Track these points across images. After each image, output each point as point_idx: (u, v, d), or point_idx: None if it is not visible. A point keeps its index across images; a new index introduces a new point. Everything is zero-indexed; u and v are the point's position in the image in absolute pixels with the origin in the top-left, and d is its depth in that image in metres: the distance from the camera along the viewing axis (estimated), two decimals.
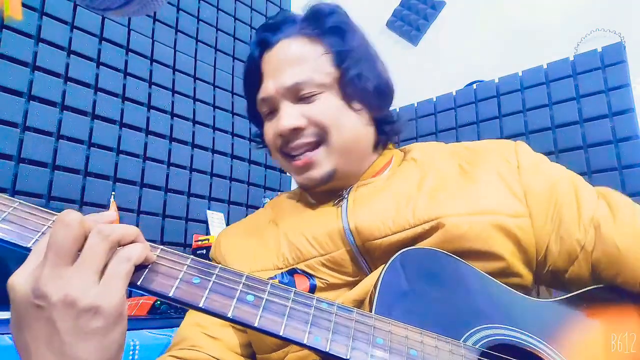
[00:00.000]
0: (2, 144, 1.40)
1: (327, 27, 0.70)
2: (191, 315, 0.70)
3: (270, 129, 0.71)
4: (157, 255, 0.44)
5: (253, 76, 0.72)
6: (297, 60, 0.68)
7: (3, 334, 0.84)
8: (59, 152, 1.53)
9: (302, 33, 0.70)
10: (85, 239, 0.40)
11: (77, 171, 1.57)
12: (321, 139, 0.67)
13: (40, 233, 0.43)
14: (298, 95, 0.67)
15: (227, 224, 1.99)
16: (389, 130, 0.75)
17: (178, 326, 0.69)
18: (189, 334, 0.66)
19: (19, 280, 0.39)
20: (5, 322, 0.89)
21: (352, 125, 0.69)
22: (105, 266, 0.40)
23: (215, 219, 1.95)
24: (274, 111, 0.70)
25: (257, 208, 2.14)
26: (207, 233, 1.90)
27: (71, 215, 0.40)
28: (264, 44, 0.72)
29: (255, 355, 0.67)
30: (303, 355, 0.58)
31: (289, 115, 0.67)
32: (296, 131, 0.67)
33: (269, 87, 0.69)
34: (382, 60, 0.75)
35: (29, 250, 0.42)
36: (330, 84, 0.68)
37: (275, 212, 0.76)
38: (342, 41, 0.70)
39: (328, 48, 0.70)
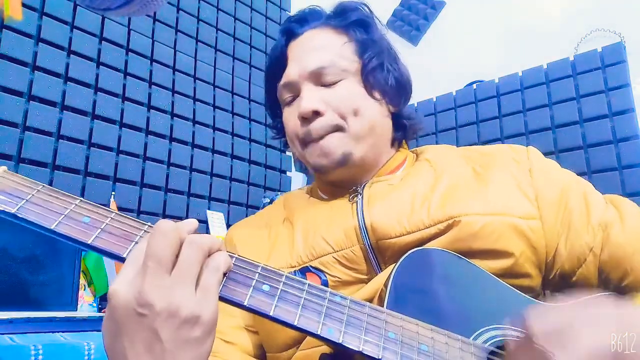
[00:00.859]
0: (2, 144, 1.40)
1: (352, 20, 0.73)
2: None
3: (291, 114, 0.72)
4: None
5: (277, 64, 0.74)
6: (321, 47, 0.71)
7: (3, 334, 0.84)
8: (59, 152, 1.53)
9: (328, 24, 0.74)
10: (179, 248, 0.41)
11: (77, 171, 1.57)
12: (340, 124, 0.68)
13: (63, 215, 0.44)
14: (320, 79, 0.69)
15: (227, 224, 1.99)
16: (405, 127, 0.76)
17: None
18: None
19: (121, 289, 0.39)
20: (5, 322, 0.89)
21: (370, 113, 0.70)
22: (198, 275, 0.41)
23: (215, 219, 1.95)
24: (295, 97, 0.72)
25: (257, 208, 2.14)
26: (207, 233, 1.90)
27: (168, 224, 0.41)
28: (290, 34, 0.74)
29: (266, 355, 0.67)
30: (310, 352, 0.58)
31: (311, 98, 0.68)
32: (316, 114, 0.68)
33: (292, 72, 0.71)
34: (402, 60, 0.78)
35: (52, 232, 0.43)
36: (352, 72, 0.70)
37: (288, 210, 0.76)
38: (366, 33, 0.73)
39: (352, 38, 0.72)
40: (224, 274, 0.43)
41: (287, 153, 2.33)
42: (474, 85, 2.01)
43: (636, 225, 0.60)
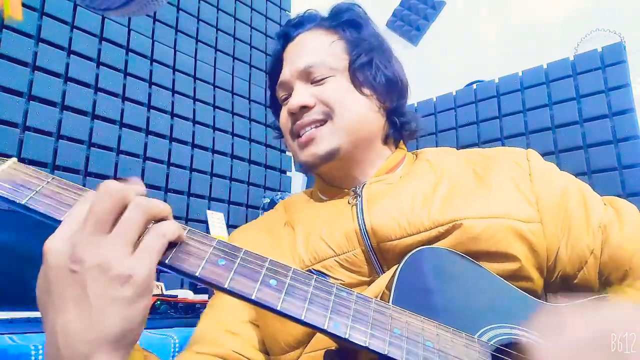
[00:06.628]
0: (2, 144, 1.40)
1: (343, 20, 0.76)
2: (208, 315, 0.70)
3: (284, 111, 0.75)
4: (185, 235, 0.44)
5: (275, 67, 0.79)
6: (312, 48, 0.74)
7: (3, 334, 0.84)
8: (59, 152, 1.53)
9: (321, 26, 0.77)
10: (124, 209, 0.41)
11: (77, 171, 1.57)
12: (327, 117, 0.71)
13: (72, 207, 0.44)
14: (310, 77, 0.73)
15: (227, 224, 1.99)
16: (400, 123, 0.76)
17: (178, 326, 0.69)
18: (209, 331, 0.67)
19: (56, 245, 0.39)
20: (5, 322, 0.89)
21: (358, 107, 0.72)
22: (139, 238, 0.41)
23: (215, 219, 1.95)
24: (289, 95, 0.75)
25: (257, 208, 2.14)
26: (207, 233, 1.90)
27: (113, 185, 0.41)
28: (286, 37, 0.79)
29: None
30: (316, 355, 0.58)
31: (299, 94, 0.72)
32: (305, 109, 0.71)
33: (285, 72, 0.75)
34: (397, 57, 0.80)
35: (60, 222, 0.43)
36: (341, 69, 0.73)
37: (289, 213, 0.76)
38: (357, 32, 0.76)
39: (342, 36, 0.75)
40: (175, 245, 0.43)
41: (288, 153, 2.33)
42: (474, 85, 2.01)
43: (634, 226, 0.60)
